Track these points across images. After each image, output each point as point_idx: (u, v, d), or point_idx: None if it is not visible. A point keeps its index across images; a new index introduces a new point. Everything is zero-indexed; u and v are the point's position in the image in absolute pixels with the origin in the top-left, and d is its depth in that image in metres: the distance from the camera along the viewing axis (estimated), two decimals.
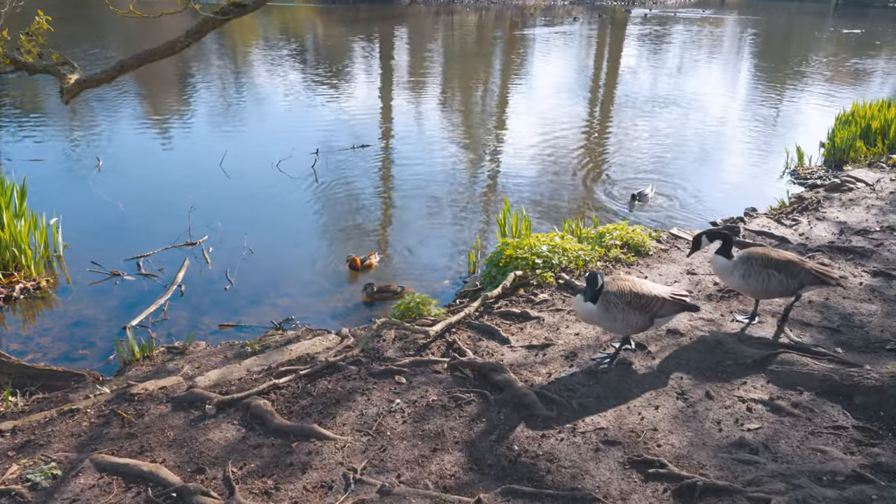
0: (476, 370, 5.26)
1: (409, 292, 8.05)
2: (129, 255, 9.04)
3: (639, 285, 5.20)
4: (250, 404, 4.82)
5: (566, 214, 10.62)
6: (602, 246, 7.81)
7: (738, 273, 5.61)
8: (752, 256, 5.62)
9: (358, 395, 5.03)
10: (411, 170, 12.86)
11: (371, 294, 7.91)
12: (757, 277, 5.57)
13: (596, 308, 5.05)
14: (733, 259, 5.67)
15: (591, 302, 5.05)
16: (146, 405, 4.97)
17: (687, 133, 15.89)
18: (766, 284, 5.58)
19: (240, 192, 11.55)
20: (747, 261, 5.60)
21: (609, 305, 5.04)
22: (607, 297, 5.06)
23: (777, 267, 5.56)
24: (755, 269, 5.56)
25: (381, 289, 7.94)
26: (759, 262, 5.57)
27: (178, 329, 7.44)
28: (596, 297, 5.06)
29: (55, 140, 14.53)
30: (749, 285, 5.62)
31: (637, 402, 4.85)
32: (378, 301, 7.93)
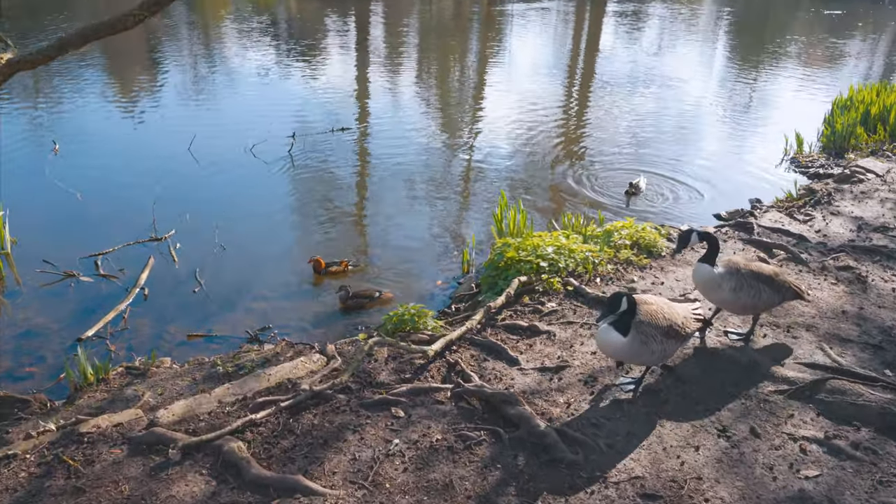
0: (484, 400, 4.57)
1: (388, 296, 7.32)
2: (86, 252, 8.16)
3: (667, 308, 4.55)
4: (222, 448, 4.08)
5: (556, 205, 9.94)
6: (611, 246, 7.14)
7: (727, 286, 4.97)
8: (742, 269, 5.03)
9: (349, 432, 4.31)
10: (393, 155, 12.05)
11: (346, 299, 7.15)
12: (749, 291, 4.98)
13: (628, 341, 4.35)
14: (719, 270, 5.05)
15: (620, 333, 4.36)
16: (98, 448, 4.21)
17: (674, 117, 15.24)
18: (757, 299, 5.01)
19: (210, 180, 10.66)
20: (736, 273, 5.00)
21: (646, 338, 4.35)
22: (641, 327, 4.37)
23: (766, 281, 5.03)
24: (748, 282, 4.97)
25: (358, 294, 7.19)
26: (751, 276, 5.00)
27: (140, 340, 6.64)
28: (628, 326, 4.37)
29: (5, 120, 13.40)
30: (739, 300, 5.01)
31: (673, 442, 4.21)
32: (354, 308, 7.17)
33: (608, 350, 4.50)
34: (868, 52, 24.68)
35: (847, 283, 6.50)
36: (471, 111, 15.40)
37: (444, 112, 15.34)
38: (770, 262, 6.93)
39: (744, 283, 4.97)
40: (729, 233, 7.93)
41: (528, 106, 15.39)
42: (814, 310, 5.93)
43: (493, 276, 6.67)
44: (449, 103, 16.18)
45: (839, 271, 6.75)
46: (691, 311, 4.72)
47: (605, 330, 4.44)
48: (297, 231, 9.36)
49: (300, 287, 7.80)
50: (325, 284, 7.75)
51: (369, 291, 7.25)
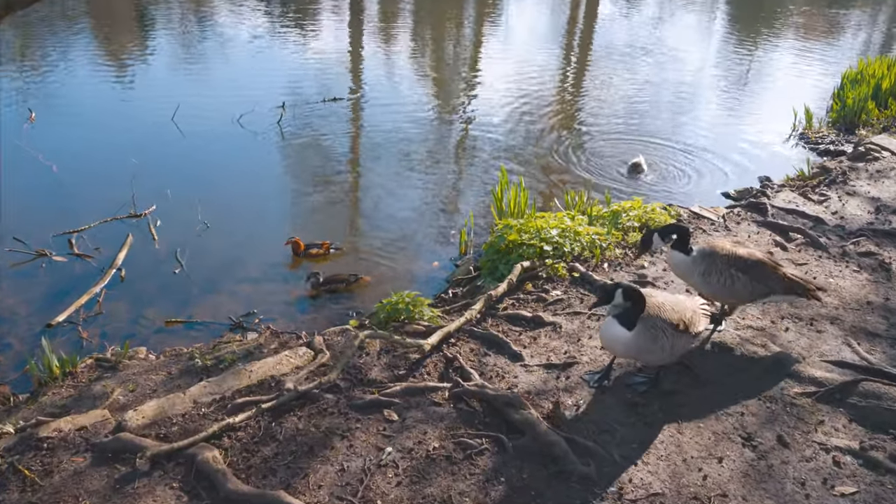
0: (486, 402, 4.18)
1: (364, 280, 6.88)
2: (60, 229, 7.68)
3: (675, 302, 4.14)
4: (196, 457, 3.67)
5: (555, 182, 9.48)
6: (618, 228, 6.71)
7: (697, 270, 4.60)
8: (717, 253, 4.60)
9: (337, 438, 3.91)
10: (387, 127, 11.52)
11: (316, 286, 6.70)
12: (719, 277, 4.55)
13: (634, 336, 3.95)
14: (693, 254, 4.64)
15: (625, 328, 3.96)
16: (58, 455, 3.80)
17: (673, 90, 14.69)
18: (730, 287, 4.57)
19: (194, 153, 10.12)
20: (710, 256, 4.59)
21: (655, 333, 3.96)
22: (648, 321, 3.97)
23: (745, 269, 4.56)
24: (718, 267, 4.55)
25: (330, 279, 6.75)
26: (724, 261, 4.56)
27: (114, 326, 6.20)
28: (634, 320, 3.97)
29: None
30: (709, 285, 4.60)
31: (694, 451, 3.83)
32: (328, 294, 6.73)
33: (612, 346, 4.10)
34: (869, 23, 24.05)
35: (870, 270, 6.11)
36: (466, 81, 14.80)
37: (438, 82, 14.75)
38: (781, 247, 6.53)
39: (713, 268, 4.54)
40: (742, 214, 7.51)
41: (525, 76, 14.80)
42: (837, 300, 5.53)
43: (493, 260, 6.24)
44: (444, 73, 15.57)
45: (861, 257, 6.35)
46: (699, 305, 4.32)
47: (608, 324, 4.04)
48: (286, 207, 8.88)
49: (288, 269, 7.36)
50: (297, 267, 7.27)
51: (343, 276, 6.80)
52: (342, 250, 7.51)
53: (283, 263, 7.37)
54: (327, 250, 7.39)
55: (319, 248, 7.39)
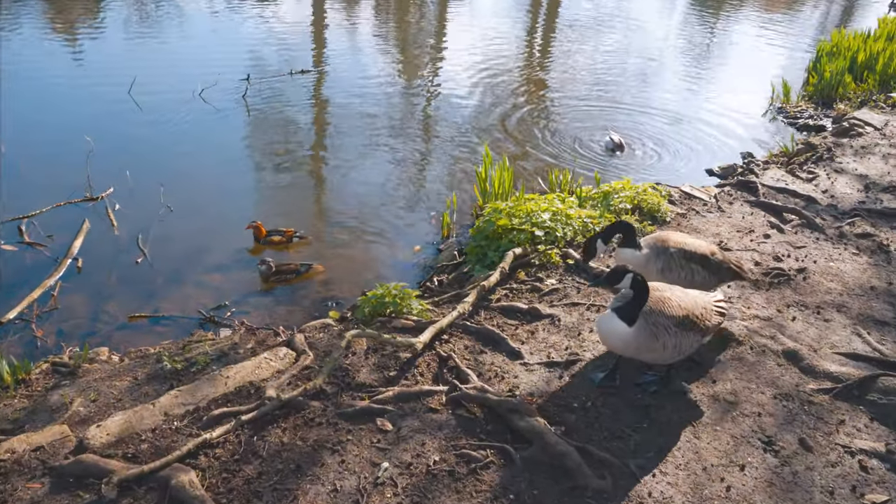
0: (488, 408, 3.85)
1: (318, 269, 6.47)
2: (7, 215, 7.06)
3: (683, 296, 3.86)
4: (170, 481, 3.28)
5: (533, 160, 9.13)
6: (611, 211, 6.40)
7: (654, 267, 4.33)
8: (671, 248, 4.35)
9: (327, 453, 3.55)
10: (355, 101, 10.99)
11: (267, 275, 6.29)
12: (679, 272, 4.31)
13: (634, 333, 3.66)
14: (644, 251, 4.35)
15: (625, 323, 3.66)
16: (11, 482, 3.36)
17: (644, 64, 14.42)
18: (689, 281, 4.32)
19: (154, 130, 9.48)
20: (665, 252, 4.34)
21: (657, 329, 3.67)
22: (651, 317, 3.69)
23: (700, 261, 4.35)
24: (677, 262, 4.31)
25: (281, 269, 6.32)
26: (681, 255, 4.31)
27: (72, 323, 5.71)
28: (635, 315, 3.67)
29: None
30: (669, 280, 4.29)
31: (714, 459, 3.57)
32: (279, 284, 6.32)
33: (610, 341, 3.81)
34: None
35: (869, 252, 5.93)
36: (432, 53, 14.28)
37: (404, 54, 14.20)
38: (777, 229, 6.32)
39: (672, 264, 4.29)
40: (732, 193, 7.28)
41: (491, 49, 14.33)
42: (840, 286, 5.34)
43: (482, 247, 5.88)
44: (409, 44, 15.00)
45: (858, 239, 6.18)
46: (712, 301, 4.04)
47: (607, 318, 3.74)
48: (253, 187, 8.36)
49: (251, 256, 6.88)
50: (259, 255, 6.81)
51: (294, 266, 6.39)
52: (307, 239, 7.02)
53: (248, 249, 6.90)
54: (290, 238, 6.90)
55: (282, 236, 6.90)
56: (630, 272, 3.69)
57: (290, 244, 6.89)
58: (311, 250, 6.98)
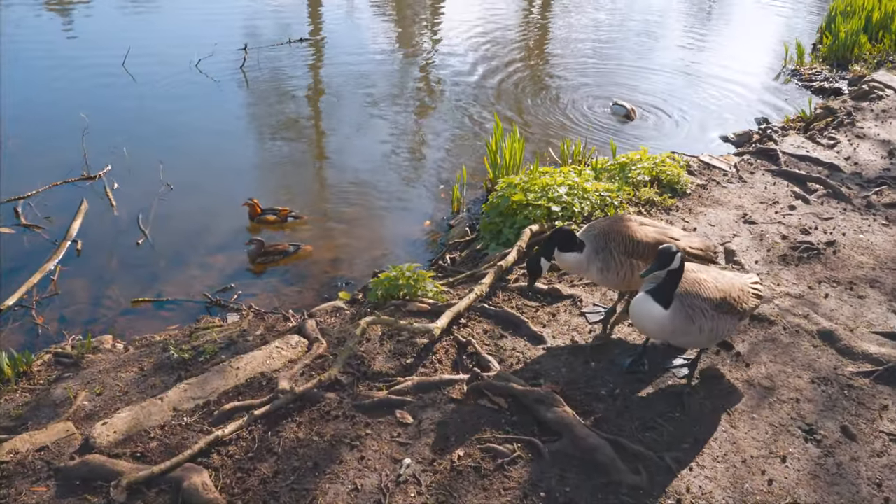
0: (513, 398, 3.67)
1: (307, 250, 6.25)
2: (3, 195, 6.83)
3: (720, 277, 3.64)
4: (182, 483, 3.11)
5: (539, 129, 8.84)
6: (628, 183, 6.16)
7: (594, 266, 3.96)
8: (611, 241, 3.94)
9: (345, 448, 3.38)
10: (355, 71, 10.65)
11: (256, 256, 6.07)
12: (619, 270, 3.93)
13: (669, 316, 3.45)
14: (586, 250, 3.97)
15: (661, 305, 3.45)
16: (15, 485, 3.20)
17: (646, 27, 13.95)
18: (630, 278, 3.95)
19: (151, 103, 9.18)
20: (605, 248, 3.94)
21: (693, 312, 3.46)
22: (686, 299, 3.47)
23: (643, 253, 3.92)
24: (615, 258, 3.93)
25: (270, 250, 6.10)
26: (620, 250, 3.93)
27: (74, 309, 5.52)
28: (670, 296, 3.46)
29: None
30: (608, 280, 4.00)
31: (753, 450, 3.40)
32: (267, 265, 6.10)
33: (645, 325, 3.59)
34: None
35: None
36: (432, 19, 13.87)
37: (404, 20, 13.77)
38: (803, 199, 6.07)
39: (611, 260, 3.91)
40: (753, 162, 7.02)
41: (490, 15, 13.89)
42: (872, 259, 5.13)
43: (496, 223, 5.66)
44: (409, 10, 14.56)
45: (887, 209, 5.95)
46: (749, 283, 3.82)
47: (641, 300, 3.52)
48: (255, 162, 8.09)
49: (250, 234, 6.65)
50: (257, 234, 6.57)
51: (284, 246, 6.16)
52: (303, 219, 6.74)
53: (248, 228, 6.66)
54: (284, 218, 6.65)
55: (276, 215, 6.65)
56: (677, 252, 3.46)
57: (285, 224, 6.65)
58: (315, 228, 6.76)
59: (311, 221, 6.87)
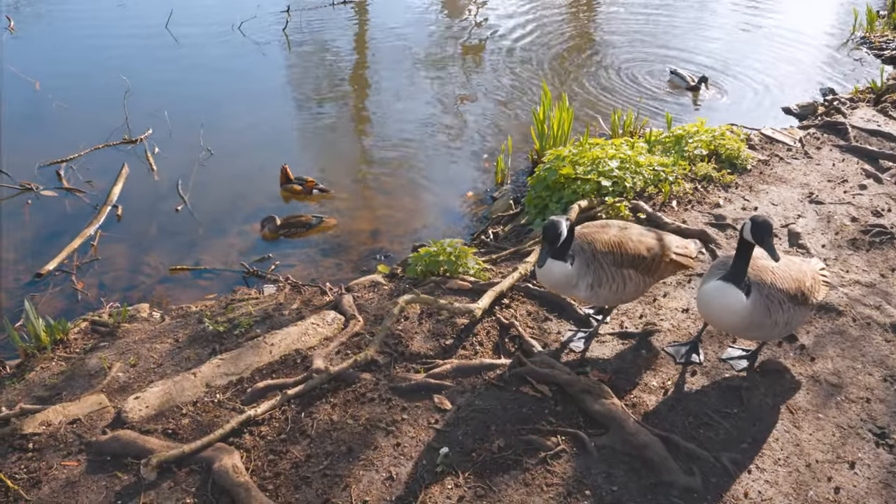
0: (557, 386, 3.47)
1: (330, 223, 6.06)
2: (46, 157, 6.85)
3: (789, 264, 3.34)
4: (212, 464, 3.01)
5: (588, 98, 8.44)
6: (684, 157, 5.81)
7: (583, 283, 3.46)
8: (598, 253, 3.46)
9: (381, 434, 3.24)
10: (398, 34, 10.37)
11: (274, 230, 5.91)
12: (611, 286, 3.47)
13: (749, 307, 3.17)
14: (575, 264, 3.43)
15: (742, 293, 3.17)
16: (46, 458, 3.15)
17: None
18: (621, 292, 3.53)
19: (192, 66, 9.09)
20: (594, 260, 3.45)
21: (771, 303, 3.18)
22: (764, 289, 3.19)
23: (634, 264, 3.50)
24: (608, 273, 3.46)
25: (288, 222, 5.94)
26: (612, 262, 3.47)
27: (112, 275, 5.49)
28: (749, 285, 3.19)
29: None
30: (598, 297, 3.53)
31: (818, 453, 3.14)
32: (287, 237, 5.94)
33: (721, 316, 3.28)
34: None
35: None
36: None
37: None
38: (875, 178, 5.63)
39: (604, 276, 3.45)
40: (819, 136, 6.56)
41: None
42: None
43: (542, 197, 5.40)
44: None
45: None
46: (818, 271, 3.52)
47: (718, 288, 3.21)
48: (296, 128, 7.95)
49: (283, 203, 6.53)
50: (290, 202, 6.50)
51: (305, 218, 5.99)
52: (329, 193, 6.55)
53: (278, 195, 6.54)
54: (310, 190, 6.48)
55: (303, 185, 6.48)
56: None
57: (310, 196, 6.49)
58: (354, 197, 6.61)
59: (352, 190, 6.72)
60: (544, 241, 3.35)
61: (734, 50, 10.07)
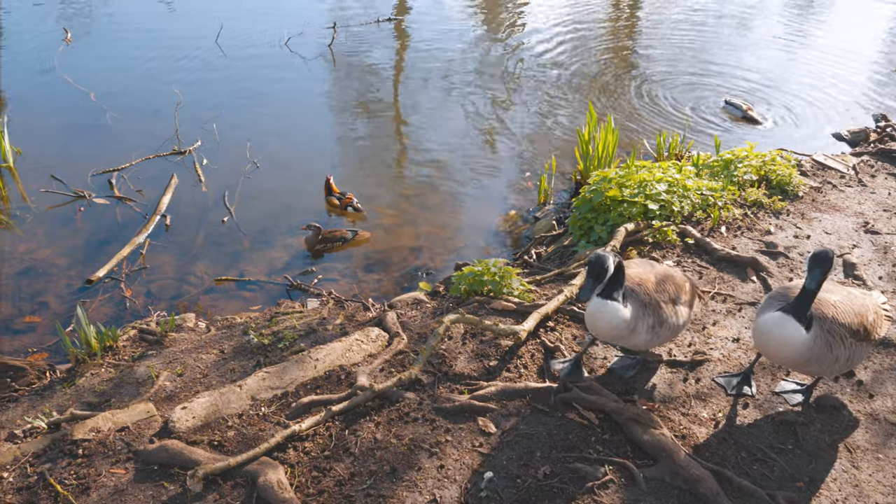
0: (604, 414, 3.41)
1: (364, 237, 6.09)
2: (99, 165, 7.04)
3: (850, 298, 3.23)
4: (257, 479, 3.02)
5: (630, 120, 8.36)
6: (734, 182, 5.70)
7: (643, 326, 3.31)
8: (652, 294, 3.34)
9: (424, 455, 3.21)
10: (443, 52, 10.41)
11: (314, 242, 5.95)
12: (668, 324, 3.37)
13: (810, 340, 3.07)
14: (628, 307, 3.28)
15: (802, 326, 3.08)
16: (95, 465, 3.19)
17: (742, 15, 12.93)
18: (676, 330, 3.46)
19: (240, 80, 9.27)
20: (651, 301, 3.33)
21: (833, 339, 3.09)
22: (826, 323, 3.09)
23: (683, 299, 3.45)
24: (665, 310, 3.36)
25: (328, 236, 5.96)
26: (667, 299, 3.38)
27: (160, 284, 5.58)
28: (811, 318, 3.09)
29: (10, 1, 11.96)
30: (658, 338, 3.40)
31: (878, 496, 3.02)
32: (324, 252, 5.99)
33: (780, 350, 3.16)
34: None
35: None
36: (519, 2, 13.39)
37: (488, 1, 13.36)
38: None
39: (664, 314, 3.35)
40: (873, 164, 6.39)
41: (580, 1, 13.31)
42: None
43: (587, 219, 5.34)
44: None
45: None
46: (879, 304, 3.40)
47: (778, 320, 3.11)
48: (339, 142, 8.03)
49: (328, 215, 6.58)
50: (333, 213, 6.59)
51: (340, 232, 6.03)
52: (362, 213, 6.53)
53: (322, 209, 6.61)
54: (346, 206, 6.52)
55: (340, 201, 6.54)
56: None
57: (345, 212, 6.53)
58: (397, 212, 6.63)
59: (393, 205, 6.76)
60: (588, 277, 3.16)
61: (782, 75, 9.90)
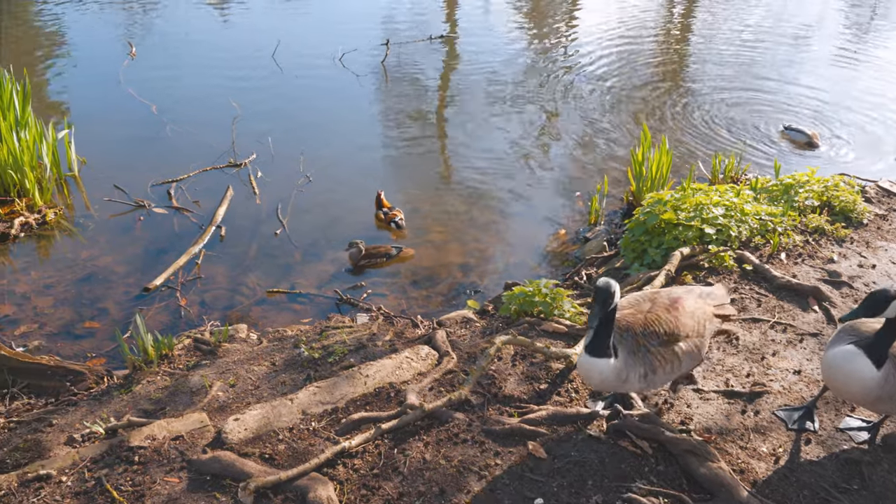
0: (658, 444, 3.32)
1: (408, 253, 6.09)
2: (159, 175, 7.24)
3: None
4: (307, 493, 3.03)
5: (686, 143, 8.22)
6: (794, 208, 5.54)
7: (634, 375, 3.15)
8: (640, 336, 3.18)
9: (473, 477, 3.18)
10: (496, 70, 10.44)
11: (357, 258, 5.96)
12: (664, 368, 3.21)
13: (881, 378, 2.95)
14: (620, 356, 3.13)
15: (873, 363, 2.95)
16: (150, 473, 3.25)
17: (797, 38, 12.55)
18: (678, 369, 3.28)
19: (295, 95, 9.46)
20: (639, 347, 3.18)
21: None
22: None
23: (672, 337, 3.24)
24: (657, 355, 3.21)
25: (372, 251, 5.98)
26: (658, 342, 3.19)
27: (214, 294, 5.69)
28: (884, 354, 2.97)
29: (73, 17, 12.47)
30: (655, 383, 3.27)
31: None
32: (369, 267, 6.00)
33: (848, 386, 3.05)
34: None
35: None
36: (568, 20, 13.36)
37: (540, 20, 13.36)
38: None
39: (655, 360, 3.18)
40: None
41: (630, 17, 13.16)
42: None
43: (640, 242, 5.25)
44: (545, 10, 14.15)
45: None
46: None
47: (847, 354, 3.01)
48: (390, 157, 8.10)
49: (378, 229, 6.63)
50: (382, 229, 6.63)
51: (384, 248, 6.05)
52: (403, 231, 6.58)
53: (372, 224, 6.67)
54: (389, 221, 6.57)
55: (386, 216, 6.61)
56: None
57: (389, 226, 6.57)
58: (446, 229, 6.64)
59: (442, 221, 6.77)
60: (595, 304, 3.04)
61: (839, 90, 9.64)
